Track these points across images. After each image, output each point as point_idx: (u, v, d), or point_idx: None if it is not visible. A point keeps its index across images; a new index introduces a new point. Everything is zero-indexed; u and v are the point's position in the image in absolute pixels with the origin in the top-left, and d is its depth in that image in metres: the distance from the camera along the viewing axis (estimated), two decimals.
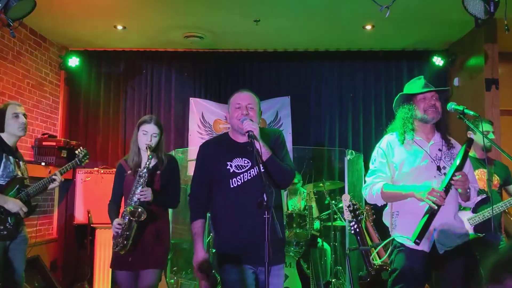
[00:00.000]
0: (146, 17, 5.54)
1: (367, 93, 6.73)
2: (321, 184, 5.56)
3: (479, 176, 3.75)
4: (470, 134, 3.96)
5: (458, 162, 2.58)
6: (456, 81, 6.30)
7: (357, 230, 4.13)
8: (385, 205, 2.94)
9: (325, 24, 5.74)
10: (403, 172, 2.79)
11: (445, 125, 2.90)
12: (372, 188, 2.81)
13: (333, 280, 5.15)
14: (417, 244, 2.56)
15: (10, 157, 3.60)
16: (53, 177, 3.70)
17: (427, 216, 2.56)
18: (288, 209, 5.66)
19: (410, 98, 2.91)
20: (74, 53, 6.48)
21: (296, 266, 4.47)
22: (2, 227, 3.45)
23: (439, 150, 2.82)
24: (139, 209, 3.15)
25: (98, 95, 6.71)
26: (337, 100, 6.76)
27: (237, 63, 6.81)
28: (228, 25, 5.80)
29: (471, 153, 4.05)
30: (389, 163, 2.83)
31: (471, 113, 2.72)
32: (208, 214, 2.94)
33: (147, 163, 3.23)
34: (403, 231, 2.76)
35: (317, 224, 5.42)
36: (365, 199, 2.99)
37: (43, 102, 6.10)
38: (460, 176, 2.54)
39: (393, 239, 2.83)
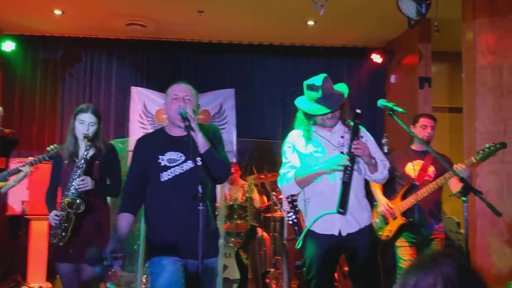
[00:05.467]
0: (86, 2, 5.38)
1: None
2: (262, 176, 5.63)
3: (414, 167, 3.84)
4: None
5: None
6: (393, 78, 6.55)
7: (295, 220, 4.26)
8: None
9: (269, 17, 5.80)
10: (310, 161, 2.88)
11: (345, 112, 2.94)
12: (286, 177, 2.89)
13: (272, 270, 5.25)
14: (342, 213, 2.71)
15: None
16: (20, 167, 3.57)
17: (342, 186, 2.73)
18: (228, 200, 5.70)
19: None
20: (9, 37, 6.18)
21: (235, 256, 4.53)
22: None
23: (342, 137, 2.92)
24: (77, 201, 3.09)
25: (34, 81, 6.49)
26: (280, 94, 6.85)
27: (181, 53, 6.76)
28: (172, 15, 5.75)
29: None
30: (298, 155, 2.92)
31: (400, 110, 2.83)
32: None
33: (85, 153, 3.17)
34: (314, 216, 2.86)
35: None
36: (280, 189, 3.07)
37: None
38: (357, 144, 2.72)
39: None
